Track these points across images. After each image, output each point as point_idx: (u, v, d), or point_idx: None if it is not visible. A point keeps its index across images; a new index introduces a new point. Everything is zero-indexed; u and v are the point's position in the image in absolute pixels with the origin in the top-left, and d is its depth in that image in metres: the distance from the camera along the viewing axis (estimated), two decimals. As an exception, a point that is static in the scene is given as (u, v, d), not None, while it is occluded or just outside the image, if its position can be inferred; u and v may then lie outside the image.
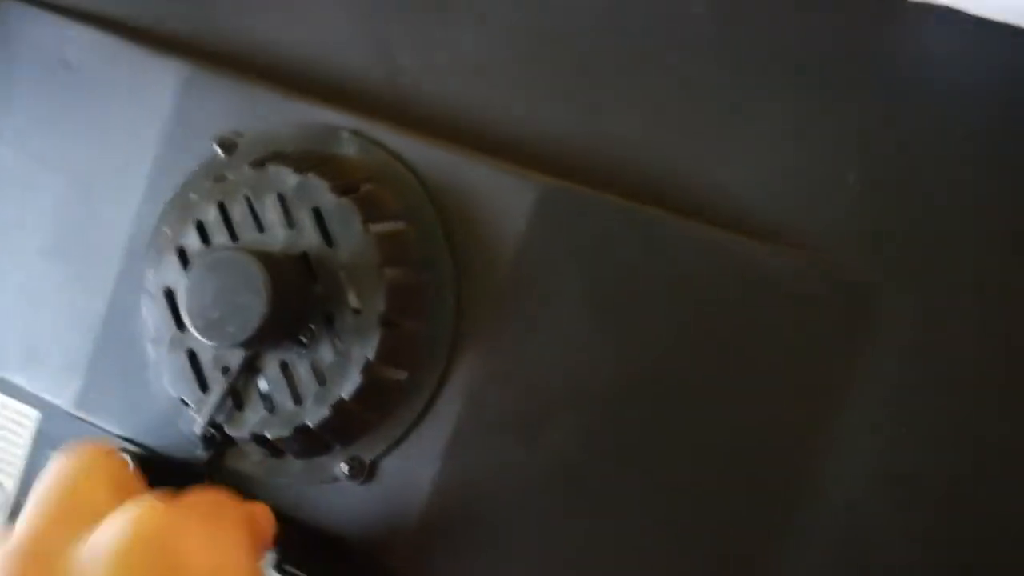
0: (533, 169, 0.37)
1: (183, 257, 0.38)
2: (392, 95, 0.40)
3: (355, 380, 0.35)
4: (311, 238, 0.36)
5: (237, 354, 0.36)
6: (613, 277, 0.35)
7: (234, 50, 0.42)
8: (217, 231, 0.37)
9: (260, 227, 0.37)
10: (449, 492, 0.36)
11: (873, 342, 0.33)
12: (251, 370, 0.37)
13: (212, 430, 0.37)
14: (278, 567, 0.36)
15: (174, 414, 0.39)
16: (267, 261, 0.34)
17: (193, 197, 0.38)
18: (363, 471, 0.37)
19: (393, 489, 0.37)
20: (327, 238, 0.36)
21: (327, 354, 0.36)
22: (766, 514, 0.34)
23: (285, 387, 0.36)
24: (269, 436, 0.36)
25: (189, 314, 0.35)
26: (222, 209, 0.37)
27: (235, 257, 0.34)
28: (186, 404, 0.38)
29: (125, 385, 0.40)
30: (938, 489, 0.33)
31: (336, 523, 0.37)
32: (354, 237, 0.36)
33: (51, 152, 0.43)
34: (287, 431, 0.36)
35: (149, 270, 0.39)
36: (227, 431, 0.37)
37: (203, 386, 0.37)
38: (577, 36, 0.38)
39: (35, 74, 0.43)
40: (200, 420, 0.37)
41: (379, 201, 0.37)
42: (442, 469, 0.36)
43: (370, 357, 0.35)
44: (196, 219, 0.38)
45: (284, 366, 0.36)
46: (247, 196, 0.37)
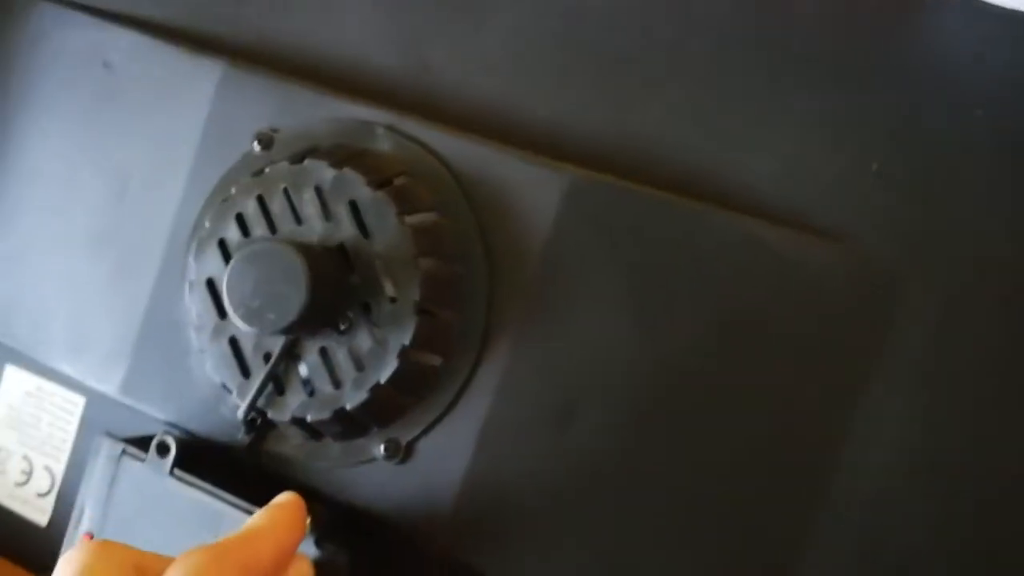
0: (563, 162, 0.38)
1: (224, 249, 0.39)
2: (424, 91, 0.41)
3: (392, 365, 0.37)
4: (347, 230, 0.38)
5: (278, 341, 0.38)
6: (643, 267, 0.37)
7: (269, 49, 0.44)
8: (256, 223, 0.39)
9: (298, 219, 0.38)
10: (482, 473, 0.38)
11: (897, 327, 0.35)
12: (291, 356, 0.38)
13: (254, 414, 0.39)
14: (318, 544, 0.38)
15: (216, 400, 0.41)
16: (306, 252, 0.36)
17: (233, 191, 0.40)
18: (399, 452, 0.38)
19: (428, 470, 0.38)
20: (363, 230, 0.38)
21: (365, 341, 0.37)
22: (792, 497, 0.35)
23: (324, 372, 0.38)
24: (309, 419, 0.38)
25: (231, 302, 0.36)
26: (261, 202, 0.39)
27: (275, 248, 0.36)
28: (228, 390, 0.39)
29: (168, 372, 0.42)
30: (961, 471, 0.34)
31: (373, 502, 0.39)
32: (389, 229, 0.37)
33: (94, 149, 0.44)
34: (327, 414, 0.37)
35: (191, 261, 0.40)
36: (269, 415, 0.38)
37: (245, 372, 0.39)
38: (606, 30, 0.39)
39: (77, 75, 0.45)
40: (243, 404, 0.38)
41: (413, 194, 0.39)
42: (476, 451, 0.38)
43: (406, 343, 0.37)
44: (236, 212, 0.39)
45: (323, 352, 0.38)
46: (286, 189, 0.38)
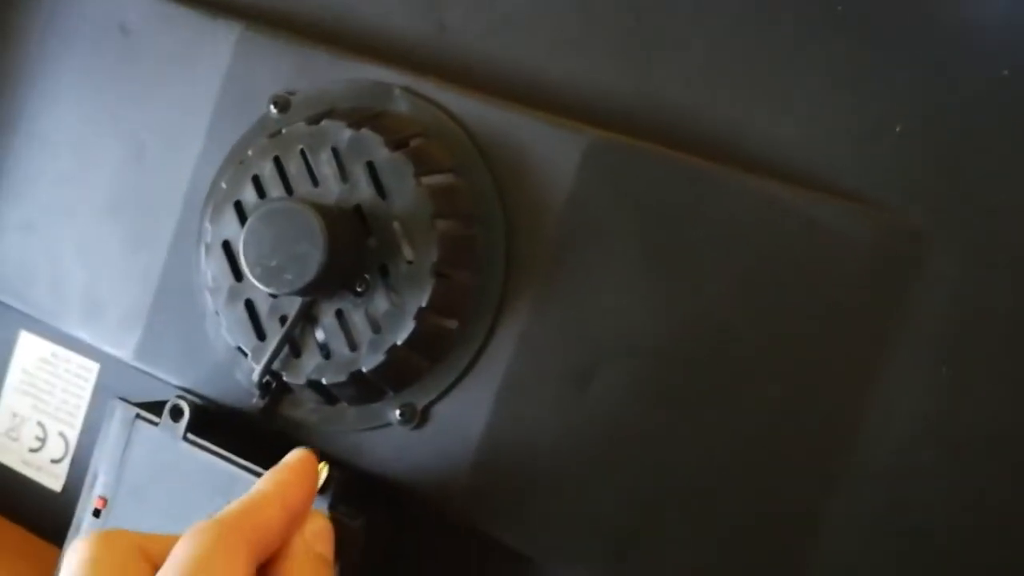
0: (582, 123, 0.37)
1: (240, 211, 0.39)
2: (442, 51, 0.41)
3: (409, 327, 0.36)
4: (365, 191, 0.37)
5: (294, 303, 0.38)
6: (662, 228, 0.36)
7: (286, 11, 0.43)
8: (273, 185, 0.38)
9: (315, 181, 0.38)
10: (499, 437, 0.37)
11: (921, 289, 0.34)
12: (308, 319, 0.38)
13: (269, 377, 0.38)
14: (332, 510, 0.37)
15: (231, 364, 0.40)
16: (323, 212, 0.35)
17: (249, 153, 0.39)
18: (415, 417, 0.38)
19: (444, 434, 0.38)
20: (380, 191, 0.37)
21: (382, 303, 0.37)
22: (813, 461, 0.35)
23: (341, 335, 0.37)
24: (325, 382, 0.37)
25: (247, 262, 0.36)
26: (278, 164, 0.38)
27: (292, 207, 0.35)
28: (244, 353, 0.39)
29: (183, 336, 0.41)
30: (985, 439, 0.33)
31: (388, 467, 0.38)
32: (407, 190, 0.37)
33: (110, 114, 0.44)
34: (343, 376, 0.37)
35: (207, 224, 0.40)
36: (284, 378, 0.38)
37: (261, 335, 0.38)
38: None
39: (93, 38, 0.44)
40: (258, 367, 0.38)
41: (430, 155, 0.38)
42: (492, 415, 0.37)
43: (423, 305, 0.36)
44: (253, 174, 0.39)
45: (340, 314, 0.37)
46: (302, 151, 0.38)
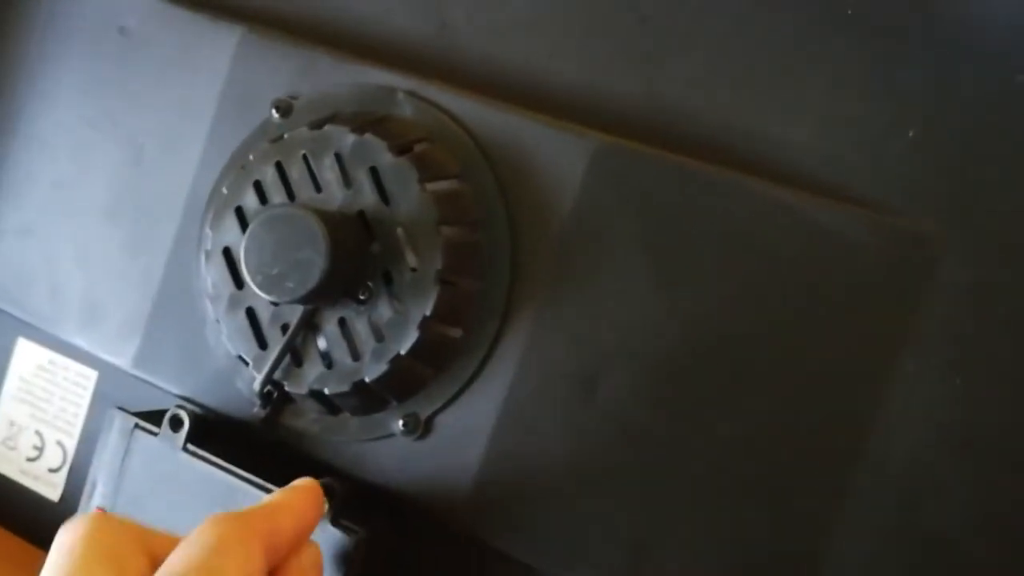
0: (588, 127, 0.37)
1: (241, 216, 0.38)
2: (446, 54, 0.40)
3: (412, 336, 0.36)
4: (368, 197, 0.37)
5: (296, 311, 0.37)
6: (669, 233, 0.35)
7: (288, 14, 0.43)
8: (275, 191, 0.38)
9: (317, 187, 0.37)
10: (504, 447, 0.36)
11: (931, 293, 0.33)
12: (310, 327, 0.37)
13: (270, 387, 0.38)
14: (334, 522, 0.37)
15: (231, 373, 0.40)
16: (326, 218, 0.34)
17: (251, 158, 0.39)
18: (419, 427, 0.37)
19: (448, 445, 0.37)
20: (384, 197, 0.37)
21: (385, 311, 0.36)
22: (824, 466, 0.34)
23: (343, 343, 0.36)
24: (327, 392, 0.37)
25: (249, 269, 0.35)
26: (280, 169, 0.38)
27: (294, 213, 0.35)
28: (244, 362, 0.38)
29: (183, 344, 0.41)
30: (998, 443, 0.33)
31: (391, 478, 0.38)
32: (411, 196, 0.36)
33: (109, 117, 0.43)
34: (345, 386, 0.36)
35: (207, 230, 0.39)
36: (286, 387, 0.37)
37: (262, 344, 0.38)
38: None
39: (92, 41, 0.44)
40: (259, 377, 0.37)
41: (435, 160, 0.37)
42: (497, 424, 0.37)
43: (427, 314, 0.36)
44: (254, 179, 0.38)
45: (342, 323, 0.37)
46: (305, 156, 0.37)
